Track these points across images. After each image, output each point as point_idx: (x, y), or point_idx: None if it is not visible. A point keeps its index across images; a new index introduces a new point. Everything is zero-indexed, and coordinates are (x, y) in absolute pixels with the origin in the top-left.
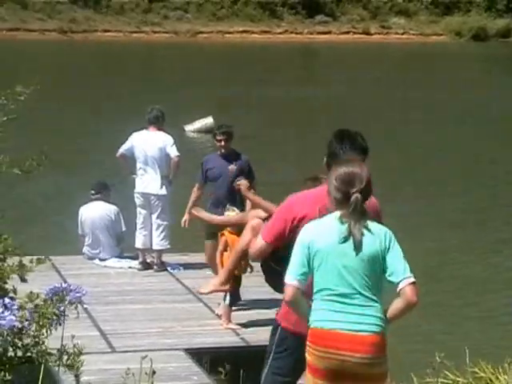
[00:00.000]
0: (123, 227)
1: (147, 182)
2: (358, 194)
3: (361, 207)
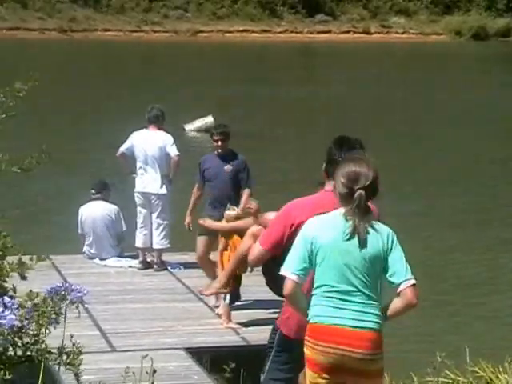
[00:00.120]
0: (123, 227)
1: (147, 182)
2: (362, 191)
3: (365, 204)
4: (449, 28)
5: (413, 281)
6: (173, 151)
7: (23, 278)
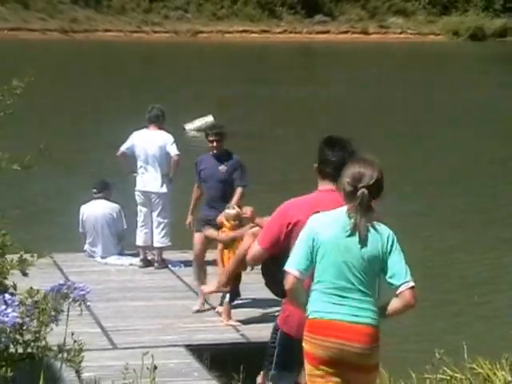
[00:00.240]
0: (124, 225)
1: (148, 181)
2: (366, 190)
3: (367, 202)
4: (446, 28)
5: (412, 283)
6: (173, 150)
7: (24, 275)
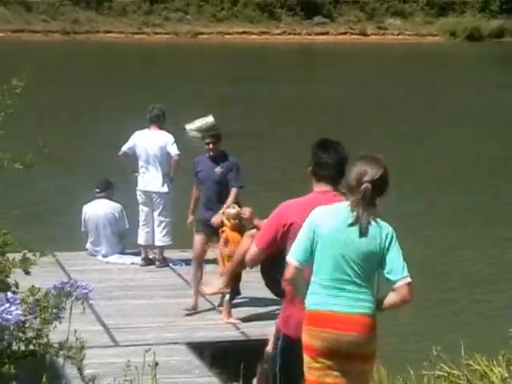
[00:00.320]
0: (126, 225)
1: (149, 180)
2: (369, 184)
3: (369, 197)
4: (444, 29)
5: (408, 279)
6: (173, 150)
7: (27, 273)
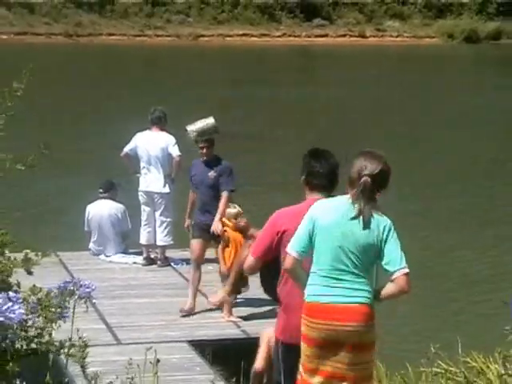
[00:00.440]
0: (129, 225)
1: (150, 181)
2: (368, 178)
3: (369, 190)
4: (441, 31)
5: (406, 270)
6: (175, 152)
7: (29, 273)
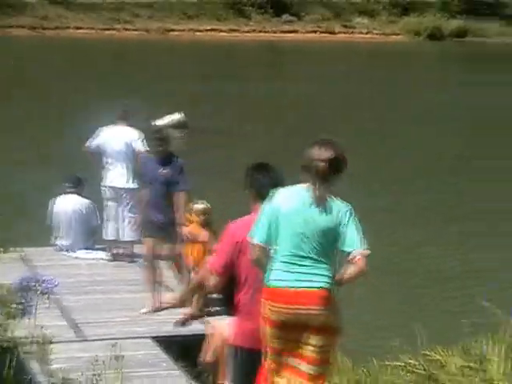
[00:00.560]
0: (97, 221)
1: (115, 176)
2: (323, 162)
3: (322, 174)
4: (407, 28)
5: (366, 251)
6: (140, 146)
7: None
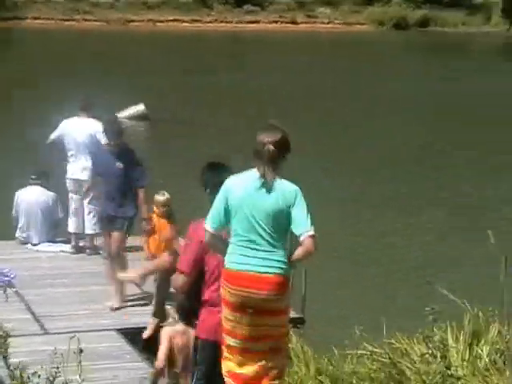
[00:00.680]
0: (61, 214)
1: (78, 169)
2: (270, 145)
3: (271, 156)
4: (371, 18)
5: (312, 232)
6: (103, 138)
7: None
